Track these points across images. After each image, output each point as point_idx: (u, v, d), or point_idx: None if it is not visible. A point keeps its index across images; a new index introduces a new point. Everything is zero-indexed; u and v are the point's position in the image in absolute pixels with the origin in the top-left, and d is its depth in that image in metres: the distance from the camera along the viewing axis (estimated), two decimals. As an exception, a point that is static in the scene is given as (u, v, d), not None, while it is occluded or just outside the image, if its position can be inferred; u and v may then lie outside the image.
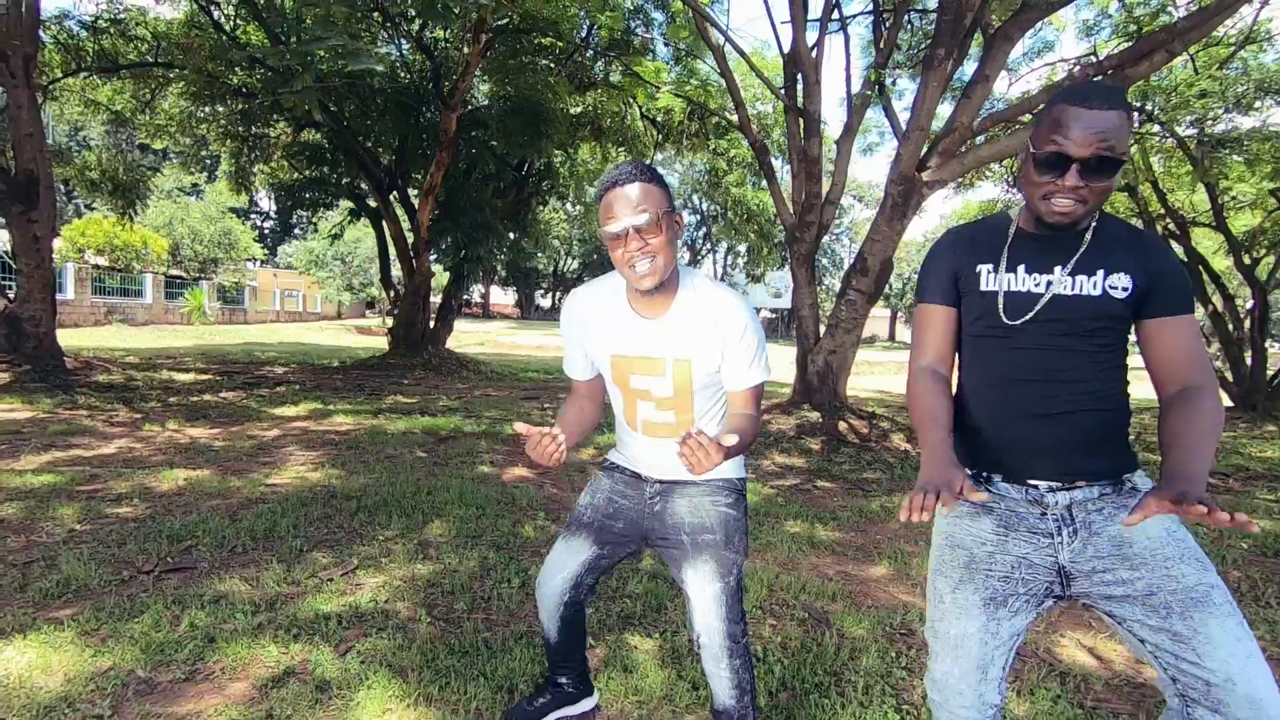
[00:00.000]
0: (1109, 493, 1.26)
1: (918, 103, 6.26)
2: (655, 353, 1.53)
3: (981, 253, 1.33)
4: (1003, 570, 1.29)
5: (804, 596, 2.84)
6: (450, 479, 4.46)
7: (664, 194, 1.46)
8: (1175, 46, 5.57)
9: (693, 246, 49.88)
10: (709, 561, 1.55)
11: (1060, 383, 1.25)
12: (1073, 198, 1.20)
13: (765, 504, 4.29)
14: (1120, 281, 1.23)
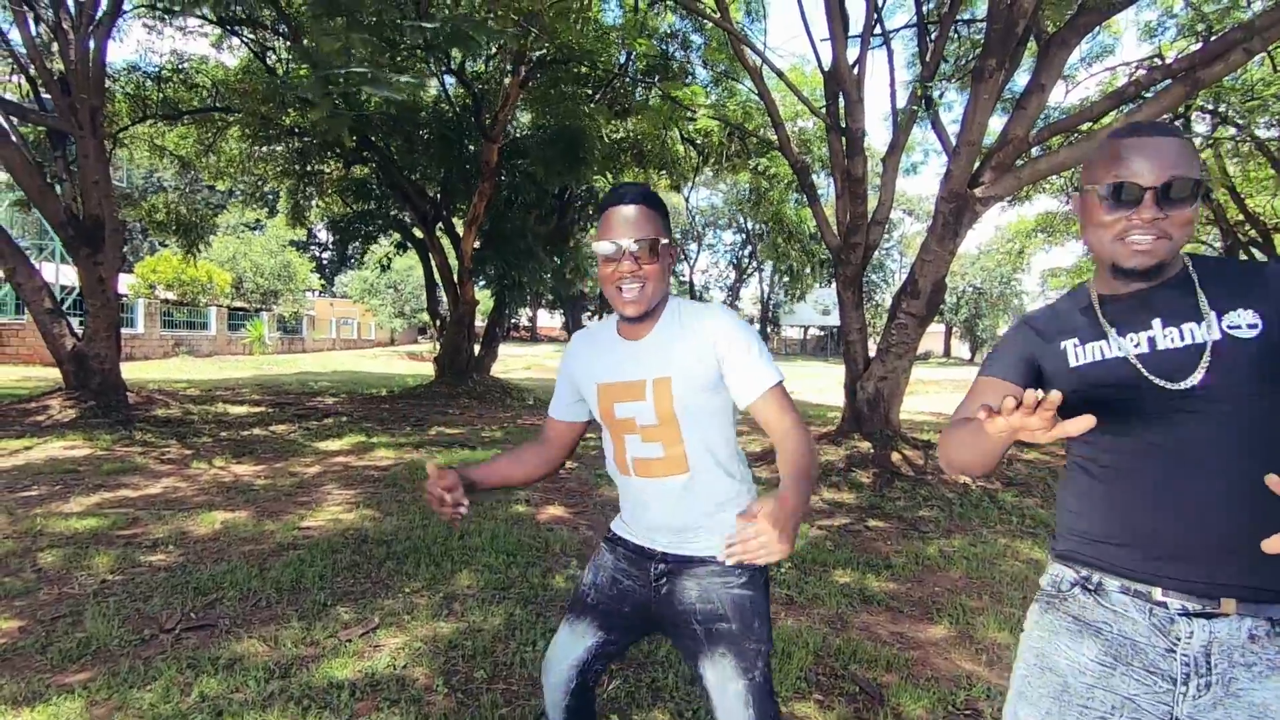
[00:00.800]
0: (1262, 636, 0.95)
1: (968, 116, 5.96)
2: (635, 375, 1.42)
3: (1063, 330, 1.13)
4: (1101, 710, 1.02)
5: (854, 666, 2.58)
6: (484, 520, 4.34)
7: (663, 221, 1.41)
8: (1254, 45, 5.15)
9: (738, 266, 49.59)
10: (727, 656, 1.36)
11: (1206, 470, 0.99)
12: (1153, 231, 1.01)
13: (812, 549, 4.03)
14: (1242, 318, 0.99)
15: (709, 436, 1.40)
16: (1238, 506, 0.96)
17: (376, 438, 7.57)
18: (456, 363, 12.98)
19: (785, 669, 2.51)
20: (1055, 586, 1.13)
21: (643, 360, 1.41)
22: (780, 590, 3.35)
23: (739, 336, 1.36)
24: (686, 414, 1.38)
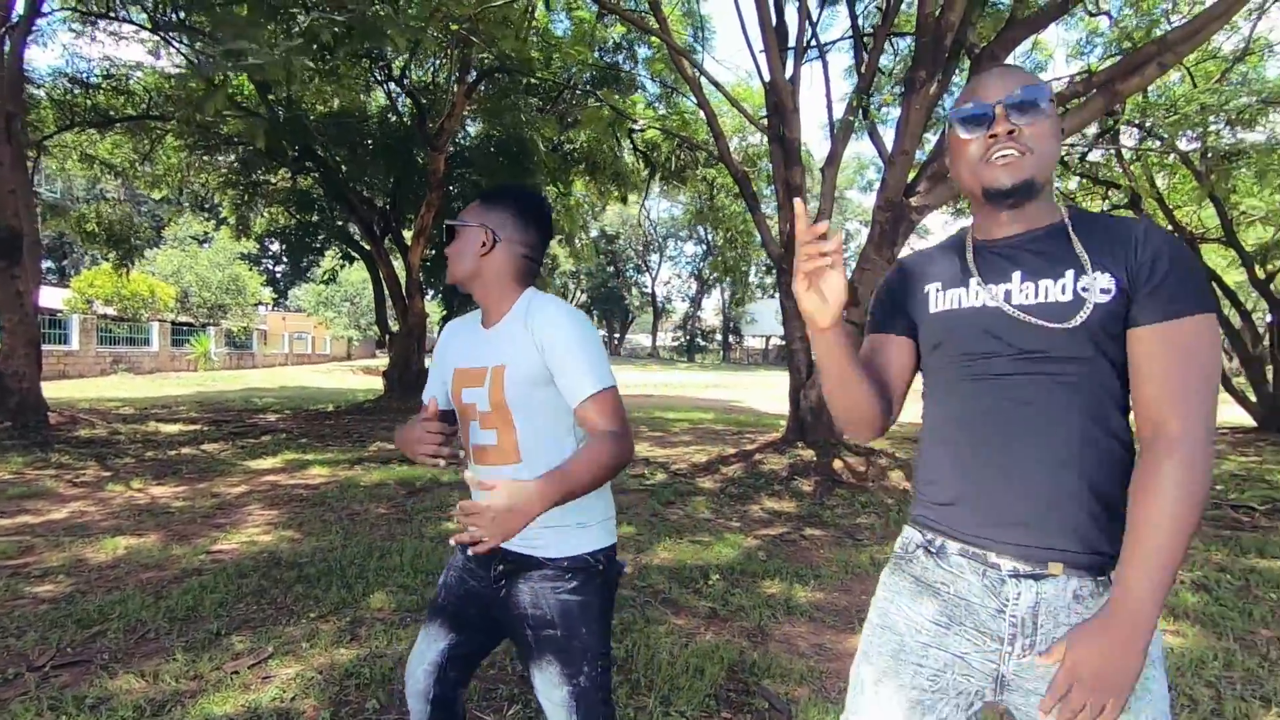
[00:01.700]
0: (1084, 591, 0.97)
1: (901, 127, 6.07)
2: (480, 362, 1.42)
3: (931, 274, 1.12)
4: (934, 668, 1.04)
5: (767, 680, 2.51)
6: (409, 539, 4.19)
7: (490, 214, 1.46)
8: (1166, 59, 5.34)
9: (700, 277, 49.90)
10: (553, 663, 1.34)
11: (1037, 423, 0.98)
12: (1011, 146, 0.99)
13: (745, 560, 3.97)
14: (1102, 282, 0.95)
15: (541, 428, 1.37)
16: (1068, 469, 0.96)
17: (312, 454, 7.31)
18: (406, 377, 12.70)
19: (695, 686, 2.43)
20: (903, 549, 1.13)
21: (490, 347, 1.42)
22: (705, 604, 3.28)
23: (565, 340, 1.33)
24: (517, 403, 1.37)
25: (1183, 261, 0.94)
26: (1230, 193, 10.62)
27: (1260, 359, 11.10)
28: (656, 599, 3.33)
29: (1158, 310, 0.92)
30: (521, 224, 1.45)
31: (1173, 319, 0.91)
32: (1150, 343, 0.92)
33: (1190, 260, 0.95)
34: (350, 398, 14.81)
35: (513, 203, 1.46)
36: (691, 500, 5.53)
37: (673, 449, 8.55)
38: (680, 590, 3.46)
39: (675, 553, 4.09)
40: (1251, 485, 6.67)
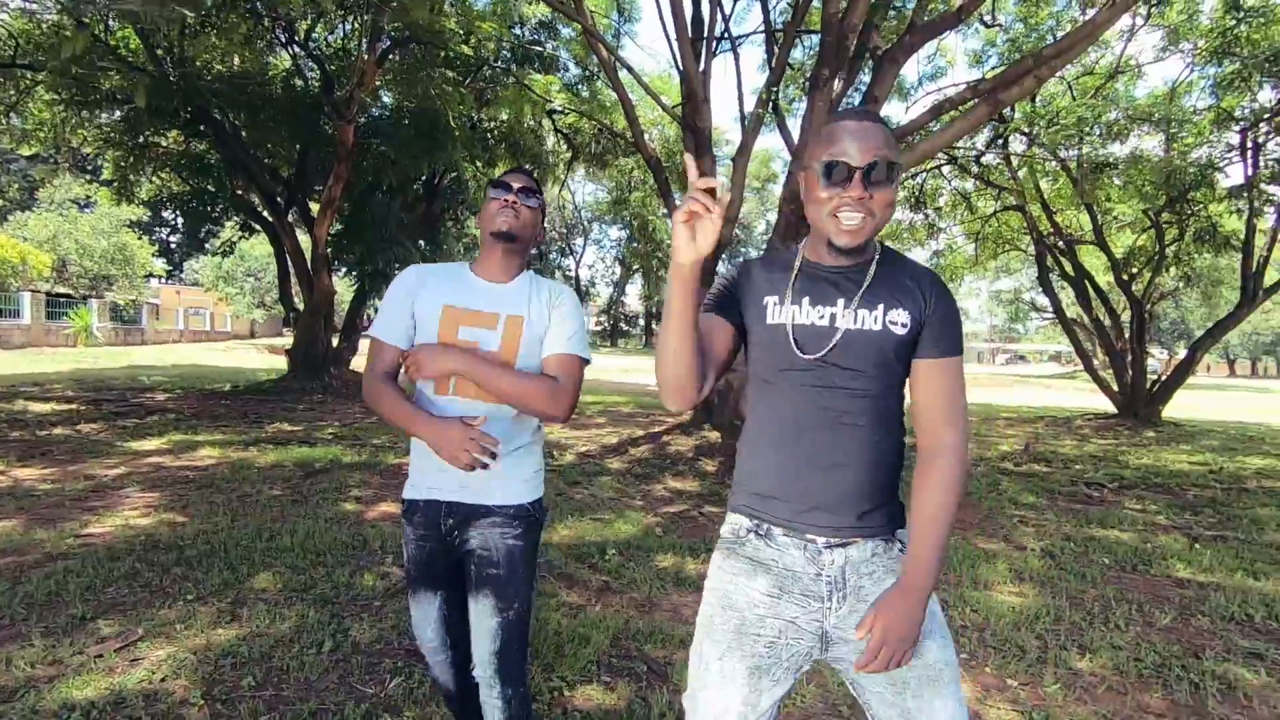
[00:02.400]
0: (882, 552, 1.20)
1: (806, 122, 6.30)
2: (490, 308, 1.59)
3: (769, 285, 1.25)
4: (770, 636, 1.20)
5: (649, 646, 2.64)
6: (302, 520, 4.08)
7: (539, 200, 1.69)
8: (1042, 72, 5.79)
9: (624, 262, 49.98)
10: (489, 597, 1.55)
11: (843, 428, 1.17)
12: (860, 210, 1.13)
13: (643, 536, 4.11)
14: (899, 317, 1.17)
15: None
16: (863, 467, 1.17)
17: (202, 436, 6.94)
18: (311, 356, 12.16)
19: (580, 654, 2.52)
20: (734, 534, 1.26)
21: (501, 300, 1.60)
22: (599, 578, 3.38)
23: (573, 310, 1.62)
24: (525, 354, 1.57)
25: (954, 313, 1.20)
26: (1104, 200, 11.60)
27: (1122, 352, 12.24)
28: (552, 574, 3.41)
29: (939, 349, 1.17)
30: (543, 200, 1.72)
31: (946, 357, 1.18)
32: (931, 373, 1.17)
33: (957, 312, 1.21)
34: (250, 377, 14.06)
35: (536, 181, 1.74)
36: (597, 480, 5.63)
37: (584, 431, 8.63)
38: (576, 565, 3.54)
39: (576, 530, 4.18)
40: (1105, 465, 7.40)
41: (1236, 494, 5.97)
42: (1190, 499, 5.74)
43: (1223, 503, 5.60)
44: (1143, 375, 12.09)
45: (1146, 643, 2.82)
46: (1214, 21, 9.55)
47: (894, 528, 1.21)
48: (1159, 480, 6.51)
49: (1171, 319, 44.06)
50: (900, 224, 14.97)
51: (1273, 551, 4.21)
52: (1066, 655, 2.69)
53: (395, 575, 3.28)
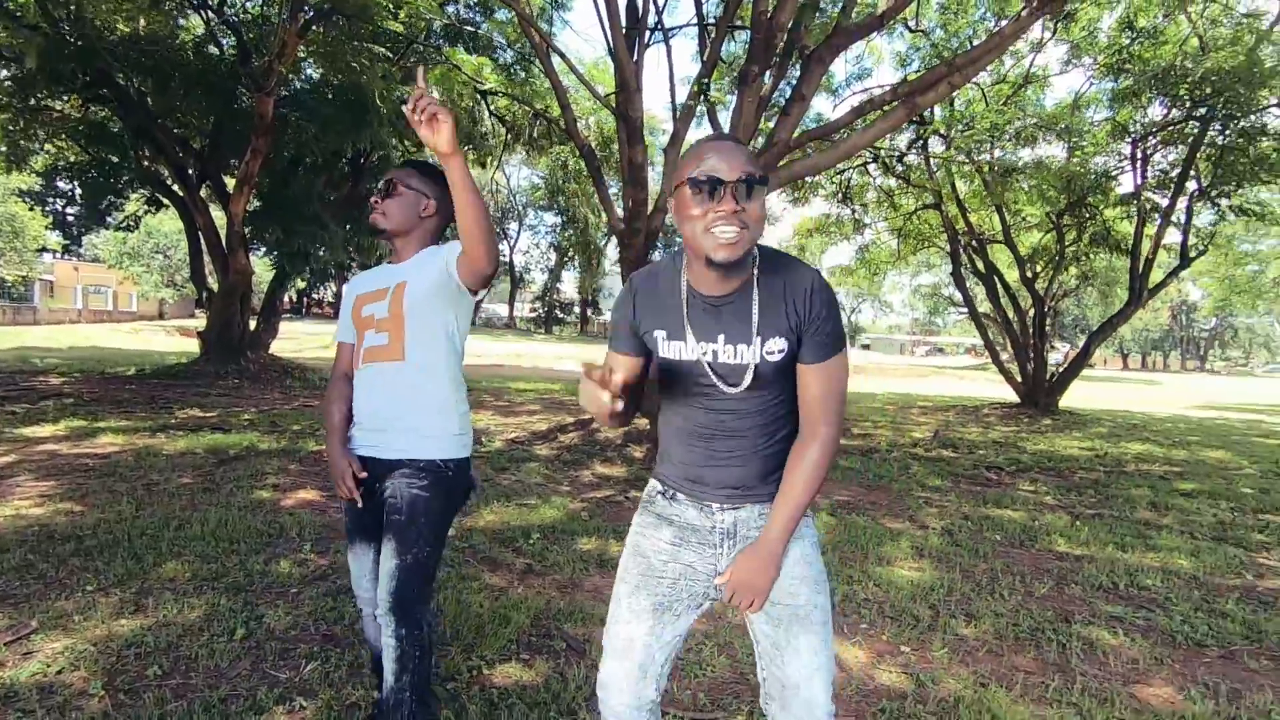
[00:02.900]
0: (765, 514, 1.37)
1: (735, 116, 6.44)
2: (383, 284, 1.78)
3: (658, 315, 1.36)
4: (672, 577, 1.40)
5: (569, 624, 2.72)
6: (214, 508, 3.95)
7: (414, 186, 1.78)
8: (954, 79, 6.12)
9: (560, 249, 49.55)
10: (391, 541, 1.68)
11: (733, 437, 1.35)
12: (735, 223, 1.19)
13: (568, 520, 4.17)
14: (776, 345, 1.28)
15: (425, 337, 1.72)
16: (750, 462, 1.35)
17: (105, 422, 6.55)
18: (226, 339, 11.60)
19: (500, 634, 2.57)
20: (649, 495, 1.48)
21: (394, 274, 1.78)
22: (522, 561, 3.43)
23: None
24: (412, 312, 1.71)
25: (833, 316, 1.28)
26: (1012, 202, 12.33)
27: (1025, 346, 13.09)
28: (475, 558, 3.43)
29: (819, 353, 1.29)
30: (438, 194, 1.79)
31: (827, 359, 1.29)
32: (813, 375, 1.30)
33: (837, 313, 1.30)
34: (158, 361, 13.29)
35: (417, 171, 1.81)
36: (525, 466, 5.65)
37: (515, 418, 8.61)
38: (500, 549, 3.58)
39: (501, 515, 4.20)
40: (1005, 450, 7.94)
41: (1116, 476, 6.53)
42: (1076, 481, 6.25)
43: (1104, 484, 6.13)
44: (1043, 367, 12.96)
45: (1025, 610, 3.10)
46: (1111, 39, 10.26)
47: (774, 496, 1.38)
48: (1050, 464, 7.05)
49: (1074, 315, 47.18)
50: (829, 217, 15.47)
51: (1140, 527, 4.65)
52: (954, 623, 2.92)
53: (313, 563, 3.23)
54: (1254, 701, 2.37)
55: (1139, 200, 11.10)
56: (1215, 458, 8.11)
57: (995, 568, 3.67)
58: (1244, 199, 10.86)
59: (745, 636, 2.70)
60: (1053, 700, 2.33)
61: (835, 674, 1.37)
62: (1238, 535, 4.56)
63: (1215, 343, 70.99)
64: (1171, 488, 6.05)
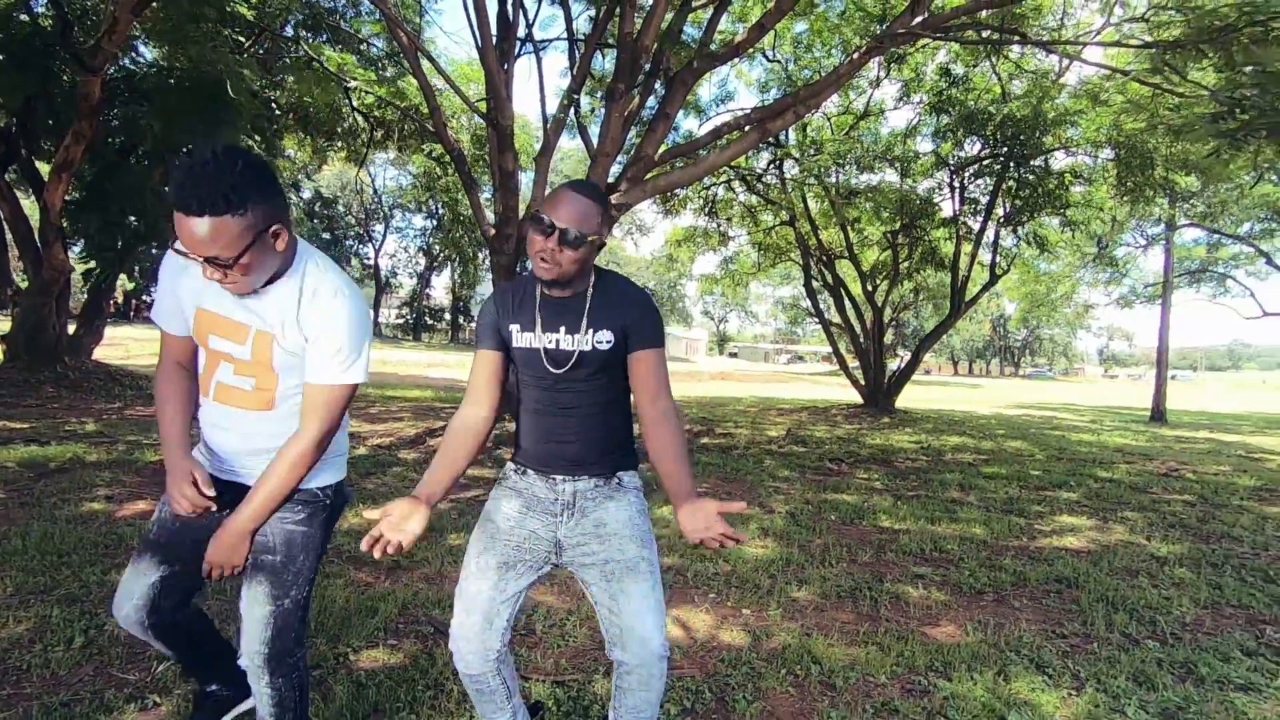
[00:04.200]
0: (603, 485, 1.61)
1: (603, 130, 6.74)
2: (241, 318, 1.43)
3: (514, 313, 1.60)
4: (517, 540, 1.59)
5: (435, 611, 2.82)
6: (36, 522, 3.62)
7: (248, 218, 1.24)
8: (800, 109, 6.79)
9: (429, 252, 47.93)
10: (263, 584, 1.50)
11: (573, 416, 1.58)
12: (549, 260, 1.46)
13: (435, 519, 4.21)
14: (604, 337, 1.54)
15: (298, 387, 1.49)
16: (588, 439, 1.58)
17: (-117, 436, 5.68)
18: (40, 343, 10.29)
19: (366, 624, 2.63)
20: (505, 474, 1.69)
21: (253, 312, 1.43)
22: (387, 558, 3.44)
23: (336, 328, 1.41)
24: (284, 368, 1.47)
25: (651, 317, 1.57)
26: (854, 220, 13.63)
27: (867, 351, 14.46)
28: (341, 557, 3.42)
29: (641, 345, 1.56)
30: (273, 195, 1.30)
31: (648, 349, 1.56)
32: (640, 361, 1.56)
33: (656, 316, 1.59)
34: (-52, 369, 11.51)
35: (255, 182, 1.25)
36: (391, 470, 5.58)
37: (382, 424, 8.37)
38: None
39: (366, 519, 4.16)
40: (847, 445, 8.80)
41: (935, 464, 7.47)
42: (902, 469, 7.09)
43: (924, 471, 7.00)
44: (883, 372, 14.38)
45: (848, 574, 3.57)
46: (932, 82, 11.68)
47: (615, 470, 1.62)
48: (883, 456, 7.93)
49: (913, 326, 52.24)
50: (697, 229, 16.27)
51: (949, 504, 5.41)
52: (789, 588, 3.32)
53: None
54: (1011, 631, 2.92)
55: (958, 224, 12.67)
56: (1014, 447, 9.44)
57: (828, 542, 4.16)
58: (1038, 225, 12.75)
59: (605, 610, 2.93)
60: (862, 642, 2.75)
61: (665, 616, 1.56)
62: (1022, 507, 5.42)
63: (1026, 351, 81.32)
64: (978, 472, 7.03)
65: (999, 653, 2.68)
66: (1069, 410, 19.76)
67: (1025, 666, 2.57)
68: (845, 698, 2.31)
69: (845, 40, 11.30)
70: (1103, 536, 4.62)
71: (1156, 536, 4.66)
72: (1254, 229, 17.79)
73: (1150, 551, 4.27)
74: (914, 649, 2.68)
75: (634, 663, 1.53)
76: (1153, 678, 2.51)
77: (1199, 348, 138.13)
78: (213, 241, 1.21)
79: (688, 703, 2.23)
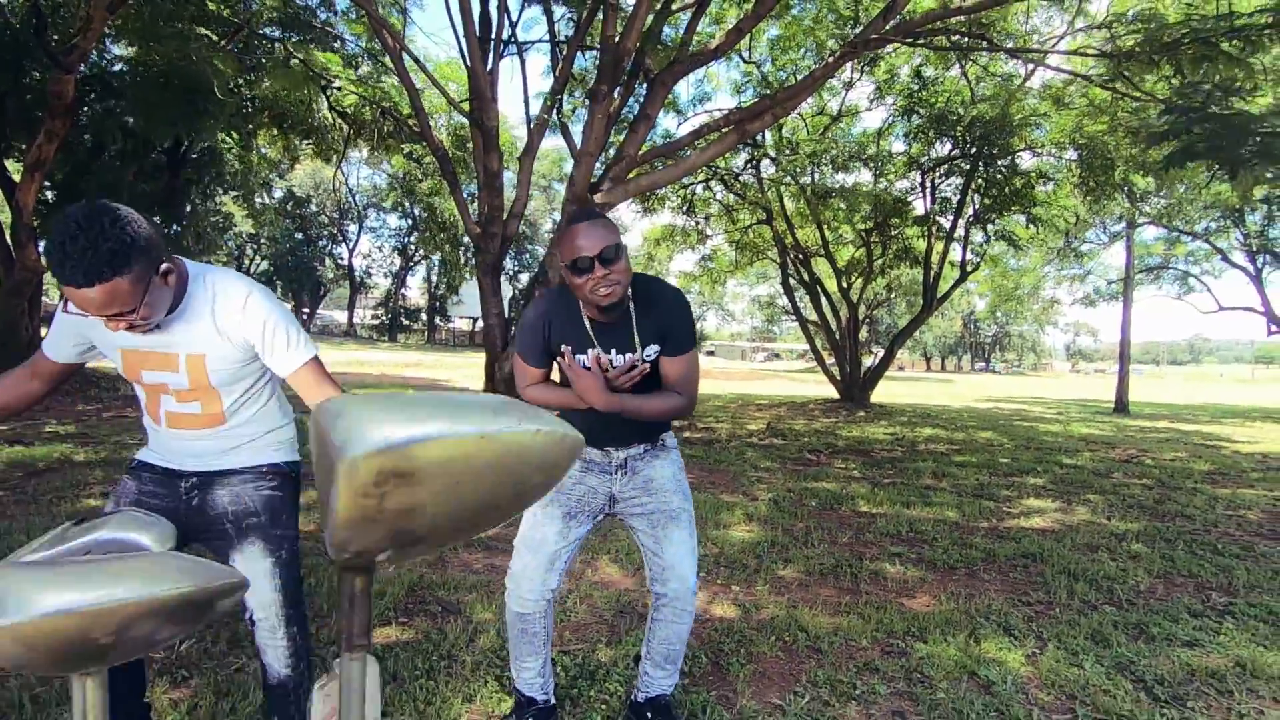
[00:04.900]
0: (650, 447, 1.89)
1: (587, 130, 6.88)
2: (166, 348, 1.47)
3: (564, 334, 1.77)
4: (578, 495, 1.86)
5: (442, 592, 2.95)
6: (37, 517, 3.67)
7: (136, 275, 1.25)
8: (777, 111, 6.99)
9: (404, 252, 47.53)
10: (256, 542, 1.60)
11: None
12: (607, 284, 1.61)
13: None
14: (652, 350, 1.77)
15: (243, 396, 1.58)
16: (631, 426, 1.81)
17: None
18: (11, 345, 10.12)
19: (377, 604, 2.76)
20: None
21: (175, 336, 1.45)
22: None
23: (270, 324, 1.49)
24: (224, 383, 1.53)
25: (685, 322, 1.76)
26: (829, 219, 13.92)
27: (843, 347, 14.78)
28: (342, 547, 3.52)
29: (674, 350, 1.76)
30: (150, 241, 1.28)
31: (679, 355, 1.77)
32: (671, 365, 1.78)
33: (690, 321, 1.77)
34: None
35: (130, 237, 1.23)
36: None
37: (367, 423, 8.41)
38: (367, 538, 3.69)
39: (364, 509, 4.27)
40: (825, 437, 9.05)
41: (910, 454, 7.74)
42: (878, 459, 7.34)
43: (899, 460, 7.26)
44: (858, 367, 14.71)
45: (829, 554, 3.77)
46: (904, 84, 11.99)
47: (659, 434, 1.89)
48: (860, 447, 8.18)
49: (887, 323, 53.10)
50: (676, 228, 16.46)
51: (923, 490, 5.65)
52: (775, 567, 3.51)
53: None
54: (980, 601, 3.14)
55: (929, 222, 13.02)
56: (985, 437, 9.78)
57: (809, 525, 4.37)
58: (1007, 221, 13.16)
59: (603, 589, 3.09)
60: (844, 612, 2.94)
61: (697, 558, 1.86)
62: (991, 492, 5.69)
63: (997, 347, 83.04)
64: (950, 461, 7.30)
65: (970, 619, 2.89)
66: (1037, 403, 20.35)
67: (993, 630, 2.78)
68: (830, 659, 2.49)
69: (819, 43, 11.57)
70: (1066, 517, 4.89)
71: (1116, 516, 4.94)
72: (1209, 226, 18.50)
73: (1110, 530, 4.54)
74: (892, 617, 2.88)
75: (671, 595, 1.82)
76: (1108, 637, 2.74)
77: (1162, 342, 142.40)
78: (109, 304, 1.24)
79: (685, 666, 2.40)
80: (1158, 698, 2.29)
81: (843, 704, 2.20)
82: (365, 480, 0.48)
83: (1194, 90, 5.33)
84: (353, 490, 0.48)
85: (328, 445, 0.50)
